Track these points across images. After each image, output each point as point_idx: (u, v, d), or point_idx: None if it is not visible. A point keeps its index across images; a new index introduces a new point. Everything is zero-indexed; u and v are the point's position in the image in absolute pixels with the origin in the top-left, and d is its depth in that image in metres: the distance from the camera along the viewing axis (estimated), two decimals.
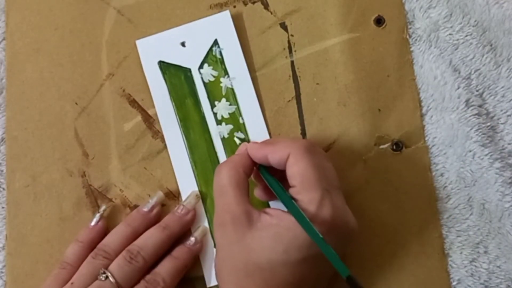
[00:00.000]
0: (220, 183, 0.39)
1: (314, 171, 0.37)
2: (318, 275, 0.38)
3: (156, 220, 0.44)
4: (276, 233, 0.37)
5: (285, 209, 0.38)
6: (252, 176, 0.42)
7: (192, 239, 0.43)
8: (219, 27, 0.47)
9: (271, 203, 0.44)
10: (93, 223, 0.44)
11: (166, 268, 0.41)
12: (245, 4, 0.48)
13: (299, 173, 0.37)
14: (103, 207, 0.44)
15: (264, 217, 0.38)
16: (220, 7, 0.48)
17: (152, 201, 0.44)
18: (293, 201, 0.37)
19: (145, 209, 0.44)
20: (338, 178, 0.40)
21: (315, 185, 0.37)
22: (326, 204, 0.37)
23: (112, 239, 0.42)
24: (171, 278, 0.41)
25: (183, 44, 0.47)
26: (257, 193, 0.43)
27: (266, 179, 0.40)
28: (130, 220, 0.43)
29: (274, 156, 0.39)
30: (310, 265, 0.37)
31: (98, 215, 0.44)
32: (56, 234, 0.45)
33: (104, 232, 0.44)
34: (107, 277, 0.40)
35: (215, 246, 0.41)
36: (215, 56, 0.46)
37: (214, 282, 0.44)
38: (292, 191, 0.38)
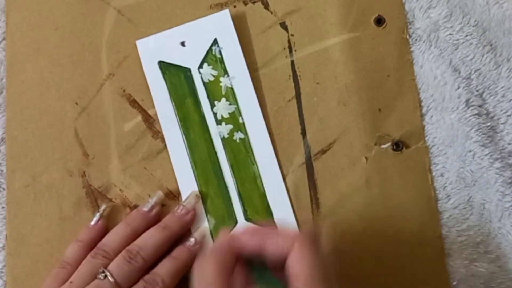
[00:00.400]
0: (204, 280, 0.34)
1: (320, 271, 0.33)
2: None
3: (156, 220, 0.44)
4: None
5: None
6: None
7: (192, 239, 0.43)
8: (219, 26, 0.47)
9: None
10: (93, 223, 0.44)
11: (165, 269, 0.41)
12: (245, 4, 0.48)
13: (305, 272, 0.33)
14: (103, 207, 0.44)
15: None
16: (220, 7, 0.48)
17: (152, 201, 0.44)
18: None
19: (145, 209, 0.44)
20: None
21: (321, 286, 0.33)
22: None
23: (112, 238, 0.42)
24: (170, 278, 0.41)
25: (182, 43, 0.47)
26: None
27: (265, 281, 0.35)
28: (130, 220, 0.43)
29: (272, 248, 0.33)
30: None
31: (98, 214, 0.44)
32: (56, 234, 0.45)
33: (104, 232, 0.43)
34: (106, 276, 0.39)
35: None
36: (214, 56, 0.46)
37: None
38: None
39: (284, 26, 0.47)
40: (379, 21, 0.47)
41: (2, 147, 0.47)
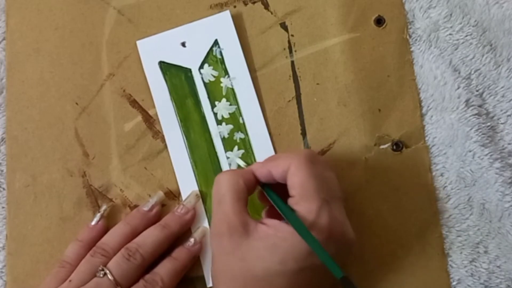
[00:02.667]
0: (219, 191, 0.39)
1: (313, 181, 0.37)
2: (317, 286, 0.38)
3: (155, 219, 0.44)
4: (272, 243, 0.36)
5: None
6: (258, 198, 0.42)
7: (192, 240, 0.43)
8: (219, 27, 0.47)
9: None
10: (93, 223, 0.44)
11: (165, 269, 0.41)
12: (245, 4, 0.48)
13: (298, 183, 0.37)
14: (103, 207, 0.44)
15: (261, 227, 0.37)
16: (220, 7, 0.48)
17: (152, 200, 0.44)
18: (292, 211, 0.37)
19: (145, 208, 0.44)
20: (339, 185, 0.39)
21: (313, 196, 0.37)
22: (323, 215, 0.36)
23: (111, 237, 0.42)
24: (169, 278, 0.41)
25: (183, 44, 0.47)
26: (267, 214, 0.42)
27: (268, 194, 0.40)
28: (130, 219, 0.43)
29: (277, 170, 0.38)
30: (308, 276, 0.37)
31: (98, 214, 0.44)
32: (57, 234, 0.45)
33: (104, 232, 0.44)
34: (105, 274, 0.40)
35: None
36: (215, 56, 0.46)
37: None
38: (290, 202, 0.38)
39: (284, 26, 0.47)
40: (379, 21, 0.47)
41: (2, 147, 0.47)
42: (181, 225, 0.43)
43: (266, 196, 0.40)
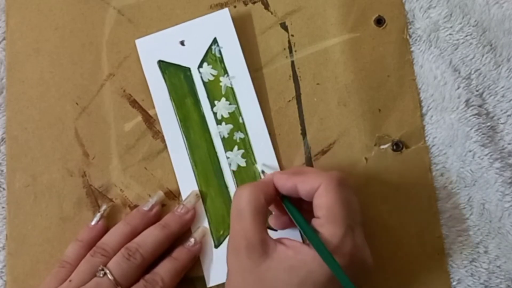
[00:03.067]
0: (238, 206, 0.38)
1: (341, 205, 0.36)
2: None
3: (155, 219, 0.44)
4: (291, 265, 0.36)
5: (299, 240, 0.37)
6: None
7: (192, 240, 0.43)
8: (218, 25, 0.47)
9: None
10: (93, 223, 0.44)
11: (165, 269, 0.41)
12: (245, 4, 0.48)
13: (326, 205, 0.36)
14: (103, 207, 0.44)
15: (280, 248, 0.37)
16: (220, 7, 0.48)
17: (152, 200, 0.44)
18: (316, 233, 0.36)
19: (145, 208, 0.44)
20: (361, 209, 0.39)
21: (340, 220, 0.36)
22: (347, 241, 0.36)
23: (111, 237, 0.42)
24: (170, 278, 0.41)
25: (182, 43, 0.47)
26: (272, 221, 0.42)
27: (289, 210, 0.39)
28: (130, 218, 0.43)
29: (304, 186, 0.38)
30: None
31: (98, 214, 0.44)
32: (57, 234, 0.45)
33: (104, 232, 0.44)
34: (105, 273, 0.40)
35: (228, 272, 0.40)
36: (214, 55, 0.46)
37: (214, 282, 0.44)
38: (315, 223, 0.37)
39: (284, 26, 0.47)
40: (379, 21, 0.47)
41: (2, 147, 0.47)
42: (181, 225, 0.43)
43: (279, 205, 0.40)
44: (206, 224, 0.44)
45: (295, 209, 0.39)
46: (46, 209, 0.45)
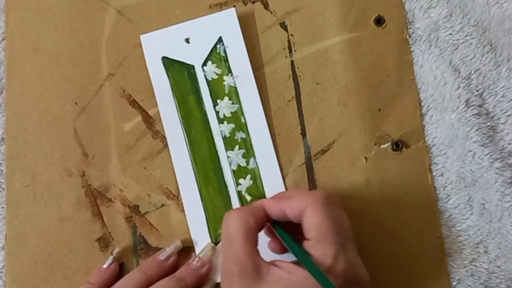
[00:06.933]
0: (228, 230, 0.38)
1: (329, 224, 0.36)
2: None
3: (171, 269, 0.43)
4: (285, 286, 0.35)
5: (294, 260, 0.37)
6: (263, 231, 0.40)
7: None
8: (224, 24, 0.47)
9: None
10: (105, 266, 0.43)
11: None
12: (245, 4, 0.48)
13: (315, 226, 0.36)
14: (116, 250, 0.44)
15: (274, 270, 0.36)
16: (220, 6, 0.48)
17: (170, 250, 0.43)
18: (308, 255, 0.36)
19: (162, 258, 0.43)
20: (351, 225, 0.39)
21: (330, 239, 0.36)
22: (340, 259, 0.36)
23: (126, 284, 0.41)
24: None
25: (187, 40, 0.47)
26: (270, 246, 0.42)
27: (280, 235, 0.39)
28: (145, 267, 0.42)
29: (292, 210, 0.38)
30: None
31: (111, 257, 0.43)
32: (56, 234, 0.45)
33: (116, 275, 0.43)
34: None
35: None
36: (219, 54, 0.46)
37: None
38: (306, 245, 0.37)
39: (284, 26, 0.47)
40: (379, 21, 0.47)
41: (2, 147, 0.47)
42: (196, 279, 0.42)
43: (273, 231, 0.40)
44: (204, 223, 0.44)
45: (286, 233, 0.38)
46: (45, 209, 0.45)
